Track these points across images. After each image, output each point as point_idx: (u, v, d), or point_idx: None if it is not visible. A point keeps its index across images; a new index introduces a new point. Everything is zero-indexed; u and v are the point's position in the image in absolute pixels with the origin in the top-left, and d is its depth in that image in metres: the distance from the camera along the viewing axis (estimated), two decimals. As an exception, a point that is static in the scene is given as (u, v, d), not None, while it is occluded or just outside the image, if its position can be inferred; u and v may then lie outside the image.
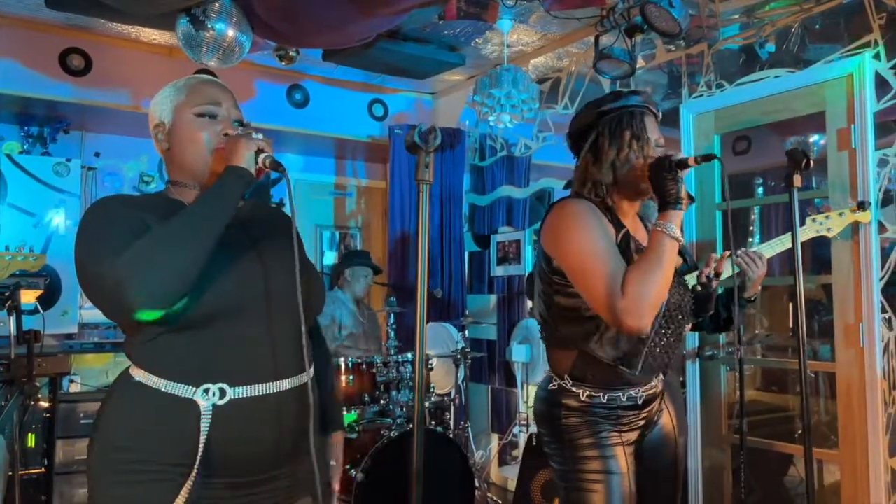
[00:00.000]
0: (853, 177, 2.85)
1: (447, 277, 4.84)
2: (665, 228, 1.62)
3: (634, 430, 1.86)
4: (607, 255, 1.65)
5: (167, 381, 1.33)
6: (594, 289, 1.63)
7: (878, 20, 2.81)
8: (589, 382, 1.79)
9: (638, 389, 1.82)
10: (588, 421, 1.78)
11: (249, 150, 1.35)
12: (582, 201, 1.77)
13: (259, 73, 4.53)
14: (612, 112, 1.79)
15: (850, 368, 2.84)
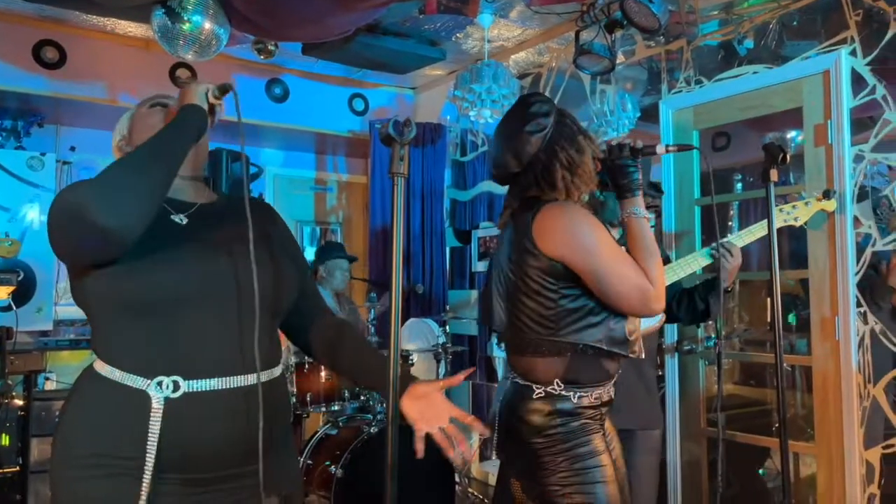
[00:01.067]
0: (829, 172, 2.87)
1: (428, 273, 4.83)
2: (635, 214, 1.73)
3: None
4: (620, 250, 1.72)
5: (123, 372, 1.31)
6: (625, 286, 1.68)
7: (854, 17, 2.84)
8: (580, 384, 1.78)
9: (611, 382, 1.86)
10: (582, 424, 1.77)
11: (199, 91, 1.42)
12: (570, 203, 1.78)
13: (237, 66, 4.48)
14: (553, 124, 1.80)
15: (826, 362, 2.87)
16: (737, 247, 2.56)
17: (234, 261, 1.40)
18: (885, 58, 2.81)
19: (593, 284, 1.71)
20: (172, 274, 1.31)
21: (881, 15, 2.77)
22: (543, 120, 1.78)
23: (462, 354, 4.63)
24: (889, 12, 2.73)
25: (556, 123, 1.80)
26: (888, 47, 2.76)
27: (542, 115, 1.79)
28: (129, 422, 1.29)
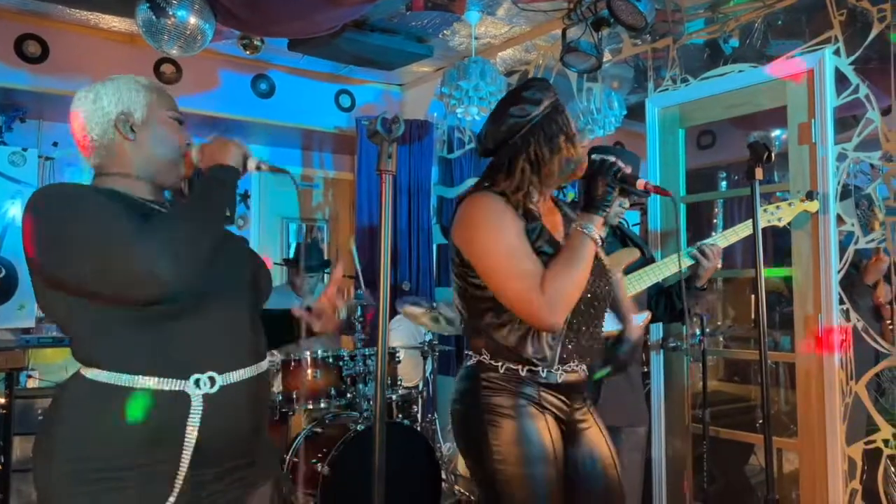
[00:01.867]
0: (813, 170, 2.90)
1: (415, 270, 4.83)
2: (584, 229, 1.68)
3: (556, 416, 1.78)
4: (520, 253, 1.67)
5: (154, 377, 1.30)
6: (510, 288, 1.66)
7: (838, 17, 2.86)
8: (505, 357, 1.74)
9: (558, 368, 1.75)
10: (507, 390, 1.72)
11: (238, 153, 1.51)
12: (491, 196, 1.74)
13: (223, 62, 4.45)
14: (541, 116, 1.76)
15: (809, 358, 2.90)
16: (719, 247, 2.60)
17: (230, 257, 1.48)
18: (869, 57, 2.83)
19: (486, 282, 1.71)
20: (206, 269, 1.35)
21: (865, 15, 2.80)
22: (530, 107, 1.75)
23: (449, 352, 4.63)
24: (872, 12, 2.75)
25: (545, 116, 1.75)
26: (871, 47, 2.79)
27: (531, 103, 1.75)
28: (166, 425, 1.30)
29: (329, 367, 3.57)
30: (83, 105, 1.48)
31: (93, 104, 1.47)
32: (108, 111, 1.47)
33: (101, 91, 1.48)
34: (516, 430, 1.70)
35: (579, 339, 1.79)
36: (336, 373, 3.59)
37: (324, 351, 3.63)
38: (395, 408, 3.80)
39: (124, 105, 1.48)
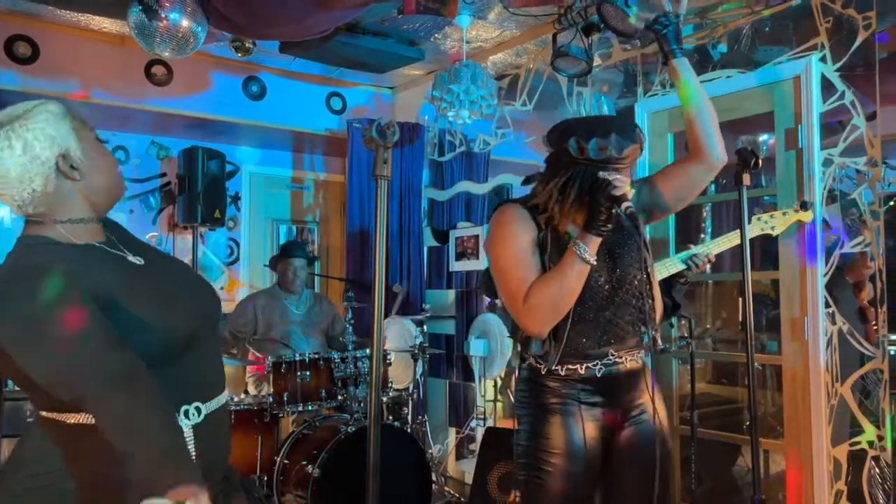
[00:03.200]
0: (800, 175, 2.94)
1: (406, 272, 4.84)
2: (578, 249, 1.75)
3: (596, 407, 1.87)
4: (520, 261, 1.81)
5: None
6: (505, 291, 1.84)
7: (824, 24, 2.90)
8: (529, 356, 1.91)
9: (597, 363, 1.86)
10: (531, 386, 1.89)
11: None
12: (510, 207, 1.88)
13: (214, 64, 4.45)
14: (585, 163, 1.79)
15: (796, 361, 2.94)
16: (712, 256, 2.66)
17: (196, 288, 1.51)
18: (854, 64, 2.88)
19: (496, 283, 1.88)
20: (183, 313, 1.37)
21: (850, 22, 2.84)
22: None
23: (439, 354, 4.65)
24: (858, 20, 2.79)
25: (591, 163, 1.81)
26: (857, 54, 2.83)
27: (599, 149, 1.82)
28: None
29: (319, 369, 3.58)
30: (10, 161, 1.28)
31: (24, 156, 1.28)
32: (46, 158, 1.30)
33: (28, 138, 1.29)
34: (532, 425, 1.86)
35: (602, 331, 1.86)
36: (327, 375, 3.59)
37: (314, 353, 3.64)
38: (385, 410, 3.81)
39: (59, 145, 1.32)
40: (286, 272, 4.22)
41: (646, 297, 1.86)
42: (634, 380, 1.92)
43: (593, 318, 1.86)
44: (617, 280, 1.87)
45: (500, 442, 3.59)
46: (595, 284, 1.85)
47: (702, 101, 1.91)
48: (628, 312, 1.89)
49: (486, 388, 4.45)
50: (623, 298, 1.88)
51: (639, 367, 1.93)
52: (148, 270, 1.41)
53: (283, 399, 3.48)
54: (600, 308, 1.86)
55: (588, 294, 1.83)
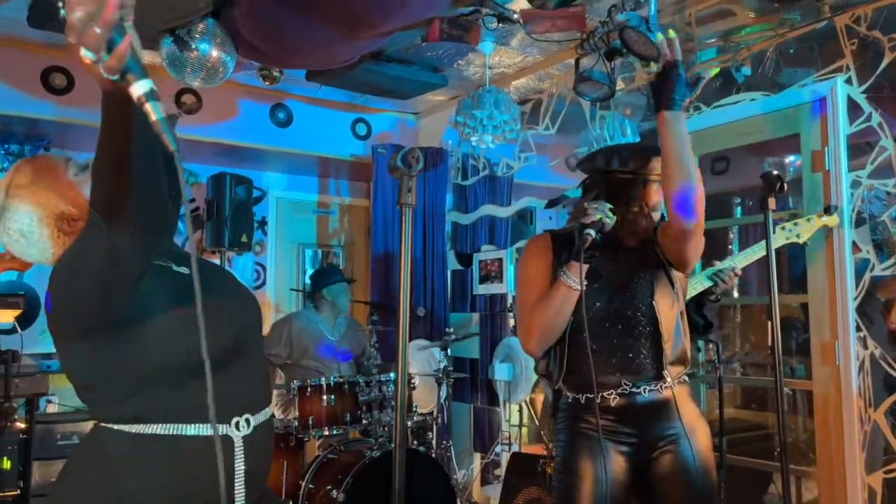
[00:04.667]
0: (827, 197, 2.91)
1: (430, 295, 4.85)
2: (564, 276, 1.84)
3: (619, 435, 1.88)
4: (531, 286, 1.94)
5: (198, 424, 1.32)
6: (516, 315, 2.02)
7: (849, 46, 2.89)
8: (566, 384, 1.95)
9: (610, 391, 1.88)
10: (578, 419, 1.91)
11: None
12: (536, 237, 2.03)
13: (242, 92, 4.54)
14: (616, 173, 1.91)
15: (827, 386, 2.89)
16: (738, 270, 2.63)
17: (240, 297, 1.53)
18: (881, 86, 2.86)
19: None
20: (231, 321, 1.40)
21: (876, 44, 2.82)
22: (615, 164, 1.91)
23: (463, 378, 4.63)
24: (884, 42, 2.78)
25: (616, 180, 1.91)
26: (883, 76, 2.81)
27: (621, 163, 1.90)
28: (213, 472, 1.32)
29: (345, 393, 3.59)
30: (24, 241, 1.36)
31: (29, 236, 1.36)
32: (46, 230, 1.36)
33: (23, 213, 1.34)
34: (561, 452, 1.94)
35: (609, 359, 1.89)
36: (351, 399, 3.60)
37: (338, 377, 3.65)
38: (409, 434, 3.80)
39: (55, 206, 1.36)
40: (338, 297, 4.21)
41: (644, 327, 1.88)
42: (659, 410, 1.89)
43: (599, 347, 1.88)
44: (615, 310, 1.88)
45: (526, 467, 3.56)
46: (592, 312, 1.88)
47: (687, 159, 1.77)
48: (640, 343, 1.88)
49: (510, 412, 4.42)
50: (629, 329, 1.88)
51: (664, 397, 1.90)
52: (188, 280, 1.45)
53: (308, 423, 3.49)
54: (602, 336, 1.88)
55: (587, 321, 1.85)
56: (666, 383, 1.89)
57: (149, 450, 1.31)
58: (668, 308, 1.91)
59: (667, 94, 1.75)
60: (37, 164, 1.39)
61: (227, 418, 1.36)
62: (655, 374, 1.89)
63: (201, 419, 1.33)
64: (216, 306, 1.41)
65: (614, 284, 1.92)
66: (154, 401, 1.33)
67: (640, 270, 1.90)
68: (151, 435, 1.31)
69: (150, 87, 0.87)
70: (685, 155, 1.75)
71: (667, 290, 1.91)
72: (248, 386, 1.43)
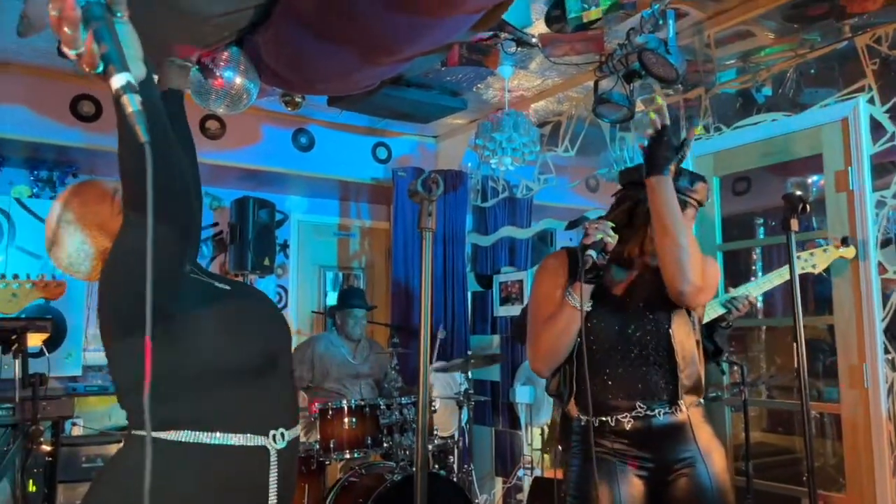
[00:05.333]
0: (852, 218, 2.88)
1: (450, 317, 4.85)
2: (569, 297, 1.83)
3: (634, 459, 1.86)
4: (538, 303, 1.93)
5: (240, 434, 1.34)
6: (527, 333, 1.98)
7: (871, 65, 2.88)
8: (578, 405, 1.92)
9: (625, 413, 1.85)
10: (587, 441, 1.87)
11: None
12: (552, 255, 2.01)
13: (265, 117, 4.61)
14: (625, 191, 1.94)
15: (855, 409, 2.83)
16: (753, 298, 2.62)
17: (275, 314, 1.56)
18: (904, 105, 2.83)
19: None
20: (267, 334, 1.43)
21: (898, 64, 2.81)
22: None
23: (484, 401, 4.61)
24: (905, 61, 2.76)
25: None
26: (906, 95, 2.79)
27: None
28: (252, 480, 1.34)
29: (366, 416, 3.58)
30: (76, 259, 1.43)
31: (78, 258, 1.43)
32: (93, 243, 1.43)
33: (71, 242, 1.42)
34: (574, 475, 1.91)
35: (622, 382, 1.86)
36: (372, 422, 3.60)
37: (359, 399, 3.65)
38: (431, 458, 3.78)
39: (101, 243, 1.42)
40: (346, 321, 4.25)
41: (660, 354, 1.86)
42: (675, 433, 1.87)
43: (612, 370, 1.87)
44: (631, 335, 1.87)
45: (548, 492, 3.52)
46: (605, 334, 1.87)
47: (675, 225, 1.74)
48: (654, 369, 1.86)
49: (532, 436, 4.39)
50: (644, 354, 1.87)
51: (680, 420, 1.87)
52: (233, 294, 1.51)
53: (329, 446, 3.49)
54: (616, 359, 1.87)
55: (596, 343, 1.86)
56: (680, 409, 1.87)
57: (185, 457, 1.32)
58: (685, 336, 1.90)
59: (655, 160, 1.76)
60: (84, 198, 1.45)
61: (265, 430, 1.37)
62: (670, 399, 1.87)
63: (240, 429, 1.34)
64: (256, 317, 1.46)
65: (631, 308, 1.90)
66: (196, 407, 1.34)
67: (658, 296, 1.87)
68: (189, 443, 1.32)
69: (128, 79, 0.89)
70: (673, 221, 1.73)
71: (684, 318, 1.90)
72: (283, 400, 1.45)
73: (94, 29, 0.89)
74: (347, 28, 2.26)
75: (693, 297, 1.78)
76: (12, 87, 3.86)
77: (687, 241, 1.73)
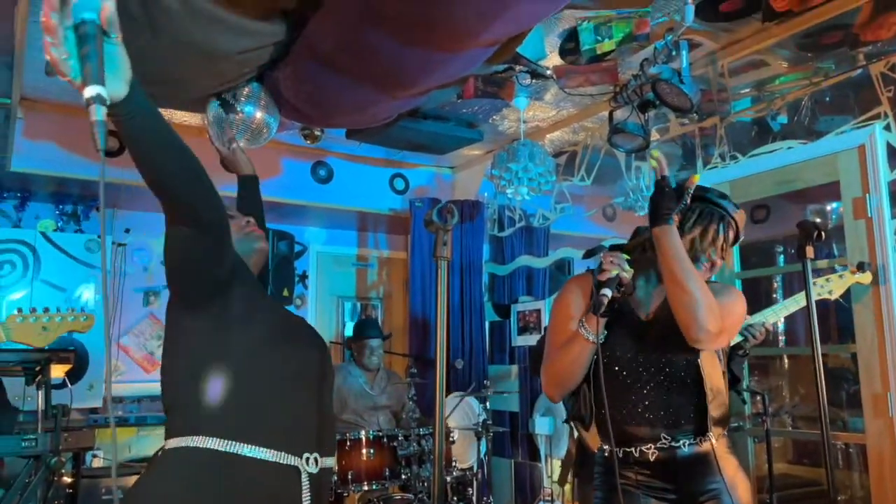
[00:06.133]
0: (871, 245, 2.86)
1: (468, 347, 4.84)
2: (581, 328, 1.81)
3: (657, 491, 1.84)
4: (554, 329, 1.92)
5: (271, 449, 1.34)
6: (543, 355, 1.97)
7: (886, 93, 2.88)
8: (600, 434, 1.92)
9: (649, 444, 1.83)
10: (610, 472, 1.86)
11: None
12: (579, 279, 1.97)
13: (285, 150, 4.69)
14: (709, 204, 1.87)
15: (881, 439, 2.78)
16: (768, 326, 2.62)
17: (322, 348, 1.58)
18: (921, 131, 2.83)
19: None
20: (311, 358, 1.46)
21: (913, 90, 2.81)
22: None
23: (503, 432, 4.57)
24: (921, 88, 2.77)
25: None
26: (923, 121, 2.79)
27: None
28: (281, 499, 1.35)
29: (384, 447, 3.57)
30: None
31: None
32: None
33: None
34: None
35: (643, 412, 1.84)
36: (390, 453, 3.58)
37: (377, 430, 3.65)
38: (449, 490, 3.75)
39: None
40: (363, 351, 4.26)
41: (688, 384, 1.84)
42: (700, 465, 1.84)
43: (636, 398, 1.84)
44: (657, 363, 1.84)
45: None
46: (624, 361, 1.86)
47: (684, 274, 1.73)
48: (682, 399, 1.84)
49: (552, 468, 4.34)
50: (671, 383, 1.84)
51: (704, 451, 1.85)
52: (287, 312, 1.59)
53: (347, 477, 3.47)
54: (640, 387, 1.85)
55: (619, 369, 1.85)
56: (707, 440, 1.84)
57: (217, 465, 1.32)
58: (713, 367, 1.87)
59: (657, 211, 1.77)
60: None
61: (298, 451, 1.37)
62: (696, 430, 1.85)
63: (274, 445, 1.35)
64: (305, 340, 1.49)
65: (658, 336, 1.86)
66: (231, 414, 1.35)
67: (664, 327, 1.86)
68: (222, 451, 1.32)
69: (98, 92, 0.98)
70: (682, 269, 1.72)
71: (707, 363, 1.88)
72: (320, 427, 1.45)
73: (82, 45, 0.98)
74: (365, 64, 2.31)
75: (709, 343, 1.76)
76: (41, 124, 3.97)
77: (697, 288, 1.71)
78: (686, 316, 1.71)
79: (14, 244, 4.20)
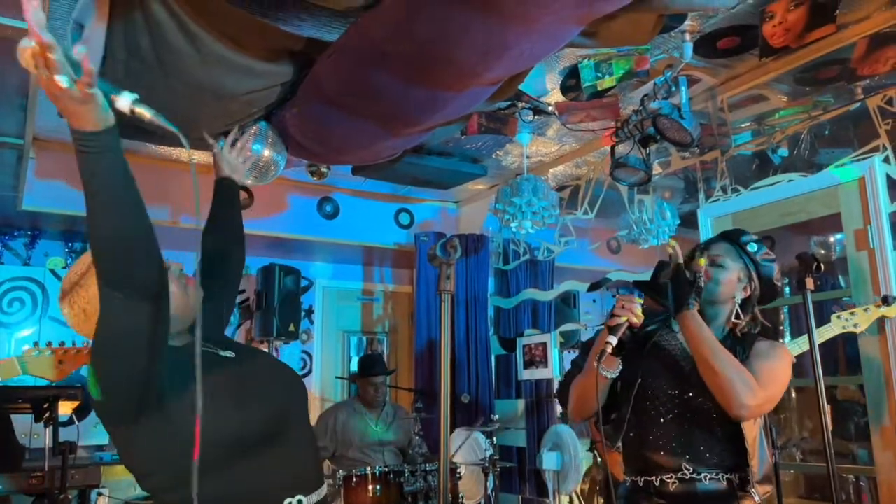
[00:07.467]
0: (874, 276, 2.87)
1: (474, 381, 4.82)
2: (601, 368, 1.82)
3: None
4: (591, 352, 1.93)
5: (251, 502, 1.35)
6: None
7: (884, 125, 2.92)
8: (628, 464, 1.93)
9: (670, 474, 1.82)
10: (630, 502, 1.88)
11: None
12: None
13: (292, 187, 4.75)
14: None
15: (891, 472, 2.75)
16: None
17: (284, 378, 1.56)
18: (920, 164, 2.86)
19: None
20: (274, 399, 1.44)
21: (911, 123, 2.85)
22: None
23: (511, 467, 4.53)
24: (918, 121, 2.80)
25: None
26: (921, 154, 2.82)
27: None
28: None
29: (390, 483, 3.55)
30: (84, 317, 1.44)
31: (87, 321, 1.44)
32: None
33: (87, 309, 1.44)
34: None
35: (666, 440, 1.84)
36: (397, 489, 3.56)
37: (383, 466, 3.63)
38: (457, 526, 3.71)
39: None
40: (367, 388, 4.23)
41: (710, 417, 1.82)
42: (720, 501, 1.81)
43: (664, 428, 1.84)
44: (683, 399, 1.84)
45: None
46: (654, 394, 1.87)
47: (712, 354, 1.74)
48: (704, 431, 1.84)
49: (561, 503, 4.29)
50: (694, 416, 1.84)
51: (724, 488, 1.82)
52: (236, 361, 1.51)
53: (353, 514, 3.45)
54: (664, 417, 1.85)
55: (649, 400, 1.86)
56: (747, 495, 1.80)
57: None
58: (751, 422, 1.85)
59: (678, 299, 1.82)
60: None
61: (278, 499, 1.37)
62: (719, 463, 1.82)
63: (254, 498, 1.36)
64: (260, 383, 1.47)
65: (690, 374, 1.84)
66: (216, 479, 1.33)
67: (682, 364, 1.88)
68: None
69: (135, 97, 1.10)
70: (710, 352, 1.75)
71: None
72: (300, 465, 1.45)
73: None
74: (370, 103, 2.36)
75: (753, 415, 1.77)
76: (52, 164, 4.03)
77: (727, 367, 1.73)
78: (723, 396, 1.73)
79: (23, 281, 4.25)
